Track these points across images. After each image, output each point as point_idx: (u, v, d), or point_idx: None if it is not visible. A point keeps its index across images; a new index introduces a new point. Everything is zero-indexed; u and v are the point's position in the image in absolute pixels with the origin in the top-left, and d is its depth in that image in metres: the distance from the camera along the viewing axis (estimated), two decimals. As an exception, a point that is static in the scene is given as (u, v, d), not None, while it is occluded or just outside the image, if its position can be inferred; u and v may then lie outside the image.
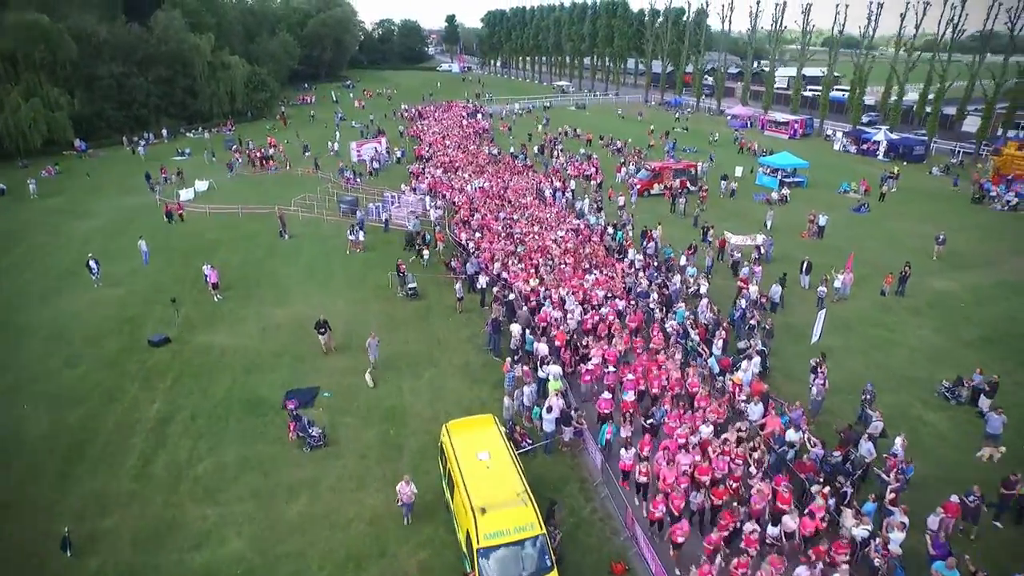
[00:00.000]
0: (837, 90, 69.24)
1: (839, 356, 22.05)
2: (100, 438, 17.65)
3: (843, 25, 63.51)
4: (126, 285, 28.06)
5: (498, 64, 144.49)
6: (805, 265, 27.67)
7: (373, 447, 17.25)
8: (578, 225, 32.25)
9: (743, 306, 23.52)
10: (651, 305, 23.70)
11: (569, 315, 20.94)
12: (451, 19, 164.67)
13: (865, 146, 55.88)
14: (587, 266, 26.12)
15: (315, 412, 18.61)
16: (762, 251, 30.36)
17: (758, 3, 72.50)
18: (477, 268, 26.42)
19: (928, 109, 58.23)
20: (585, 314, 21.23)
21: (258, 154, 52.03)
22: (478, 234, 30.23)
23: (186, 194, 41.66)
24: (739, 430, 14.54)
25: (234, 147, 56.36)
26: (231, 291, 27.21)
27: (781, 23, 70.65)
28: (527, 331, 21.21)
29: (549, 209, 34.84)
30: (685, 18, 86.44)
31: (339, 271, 29.57)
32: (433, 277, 28.14)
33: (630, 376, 16.82)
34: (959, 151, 54.20)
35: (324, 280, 28.53)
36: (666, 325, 21.80)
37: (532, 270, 25.26)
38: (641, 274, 26.80)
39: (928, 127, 55.35)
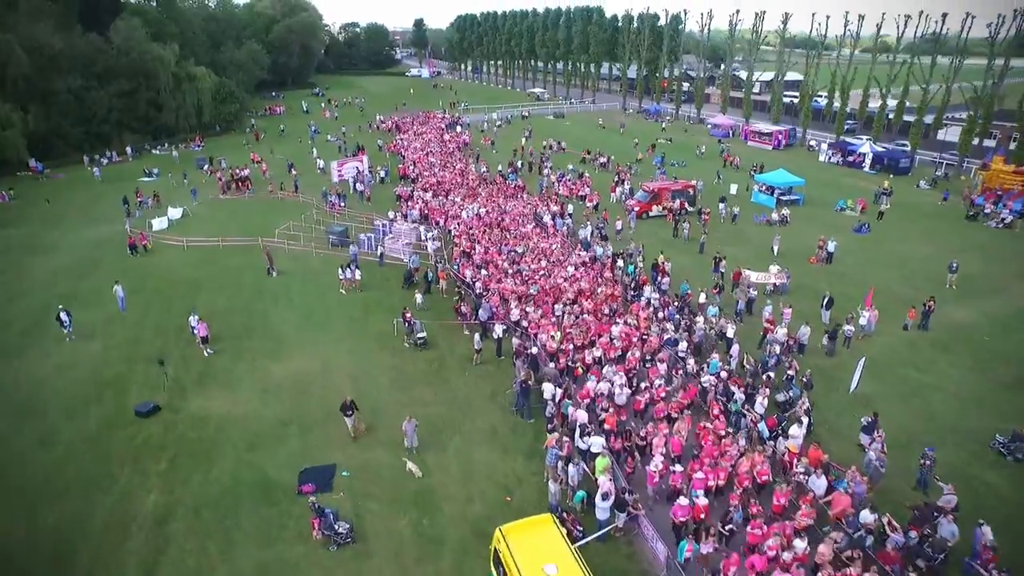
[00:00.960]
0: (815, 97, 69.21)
1: (878, 404, 21.06)
2: (89, 542, 15.44)
3: (824, 36, 63.67)
4: (102, 338, 25.51)
5: (469, 69, 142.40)
6: (826, 300, 26.80)
7: (407, 542, 15.45)
8: (584, 258, 30.82)
9: (777, 352, 22.43)
10: (680, 353, 22.51)
11: (615, 388, 19.19)
12: (419, 23, 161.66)
13: (851, 158, 55.99)
14: (607, 312, 24.61)
15: (336, 498, 16.72)
16: (777, 284, 29.53)
17: (737, 12, 72.34)
18: (490, 313, 24.76)
19: (907, 118, 58.92)
20: (632, 387, 19.52)
21: (238, 173, 48.96)
22: (484, 271, 28.53)
23: (159, 223, 38.88)
24: (835, 541, 13.19)
25: (206, 167, 53.33)
26: (221, 343, 24.91)
27: (761, 32, 70.68)
28: (557, 388, 19.76)
29: (552, 239, 33.29)
30: (661, 23, 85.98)
31: (337, 315, 27.48)
32: (442, 322, 26.27)
33: (699, 474, 15.22)
34: (942, 163, 54.71)
35: (322, 327, 26.43)
36: (702, 379, 20.58)
37: (552, 318, 23.61)
38: (661, 314, 25.59)
39: (911, 139, 55.67)
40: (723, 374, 20.82)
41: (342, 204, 42.36)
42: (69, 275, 32.04)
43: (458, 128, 69.56)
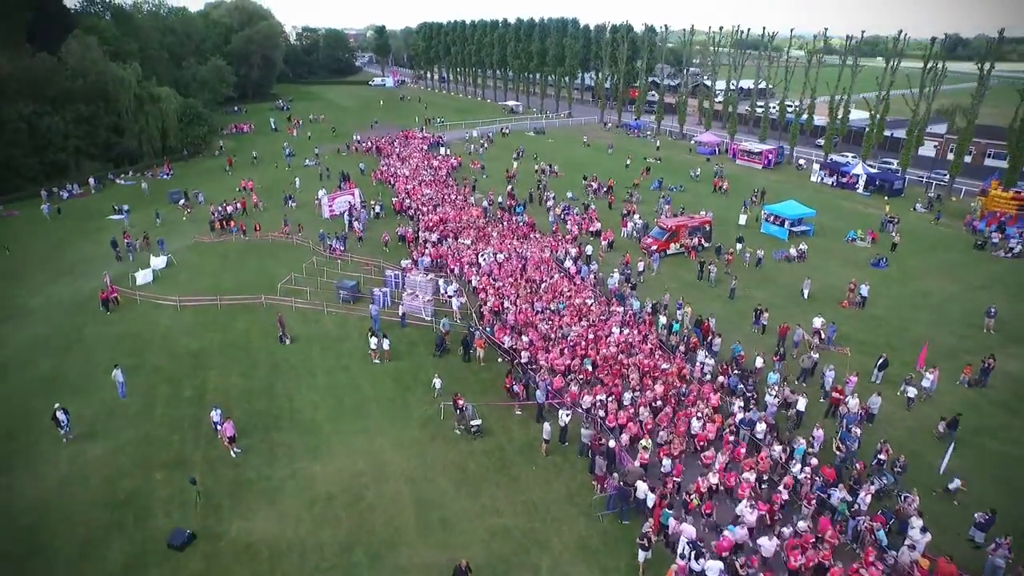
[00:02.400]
0: (791, 111, 68.89)
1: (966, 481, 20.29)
2: None
3: (810, 56, 63.94)
4: (105, 438, 22.32)
5: (435, 78, 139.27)
6: (880, 361, 25.89)
7: None
8: (621, 313, 29.14)
9: (858, 434, 21.21)
10: (757, 435, 21.13)
11: (761, 540, 16.61)
12: (381, 30, 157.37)
13: (844, 179, 56.15)
14: (677, 396, 22.80)
15: (429, 655, 14.61)
16: (822, 336, 28.60)
17: (721, 28, 72.22)
18: (546, 391, 22.81)
19: (886, 133, 59.65)
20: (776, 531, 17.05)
21: (223, 210, 45.40)
22: (524, 337, 26.50)
23: (143, 276, 35.26)
24: None
25: (182, 201, 49.43)
26: (247, 438, 22.13)
27: (743, 52, 70.65)
28: (650, 491, 18.05)
29: (583, 291, 31.43)
30: (636, 32, 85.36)
31: (370, 395, 24.93)
32: (491, 404, 24.02)
33: None
34: (932, 183, 55.40)
35: (358, 412, 23.77)
36: (793, 469, 19.21)
37: (631, 410, 21.60)
38: (717, 379, 24.20)
39: (902, 160, 56.00)
40: (813, 460, 19.59)
41: (342, 247, 39.53)
42: (50, 350, 28.39)
43: (442, 150, 67.00)
